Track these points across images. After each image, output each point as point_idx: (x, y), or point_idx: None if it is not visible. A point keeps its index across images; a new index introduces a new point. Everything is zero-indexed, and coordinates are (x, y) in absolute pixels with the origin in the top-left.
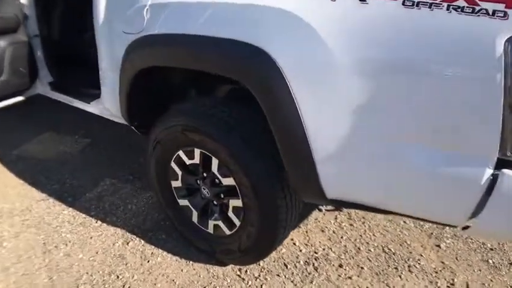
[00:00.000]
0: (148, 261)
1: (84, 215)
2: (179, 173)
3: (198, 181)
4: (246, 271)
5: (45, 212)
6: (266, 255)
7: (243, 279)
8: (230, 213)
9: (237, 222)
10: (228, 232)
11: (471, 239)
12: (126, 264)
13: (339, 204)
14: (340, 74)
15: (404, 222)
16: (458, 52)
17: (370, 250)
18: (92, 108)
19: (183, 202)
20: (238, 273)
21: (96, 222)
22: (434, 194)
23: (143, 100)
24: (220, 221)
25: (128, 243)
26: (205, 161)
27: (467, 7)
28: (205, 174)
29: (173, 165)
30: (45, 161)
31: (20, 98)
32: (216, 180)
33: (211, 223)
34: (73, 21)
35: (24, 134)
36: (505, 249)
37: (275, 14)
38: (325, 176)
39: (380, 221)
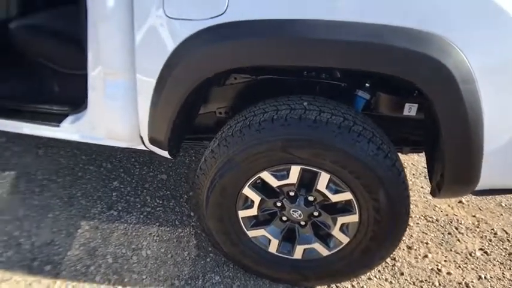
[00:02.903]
0: None
1: (87, 285)
2: (257, 198)
3: (279, 203)
4: (338, 287)
5: None
6: (377, 266)
7: None
8: (335, 232)
9: (345, 240)
10: (325, 253)
11: None
12: None
13: (481, 194)
14: None
15: (423, 186)
16: None
17: (418, 223)
18: (64, 132)
19: (256, 232)
20: None
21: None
22: None
23: (189, 112)
24: (315, 243)
25: None
26: (304, 179)
27: None
28: (292, 194)
29: (248, 191)
30: None
31: None
32: (311, 198)
33: (299, 248)
34: None
35: None
36: None
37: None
38: (489, 167)
39: None
